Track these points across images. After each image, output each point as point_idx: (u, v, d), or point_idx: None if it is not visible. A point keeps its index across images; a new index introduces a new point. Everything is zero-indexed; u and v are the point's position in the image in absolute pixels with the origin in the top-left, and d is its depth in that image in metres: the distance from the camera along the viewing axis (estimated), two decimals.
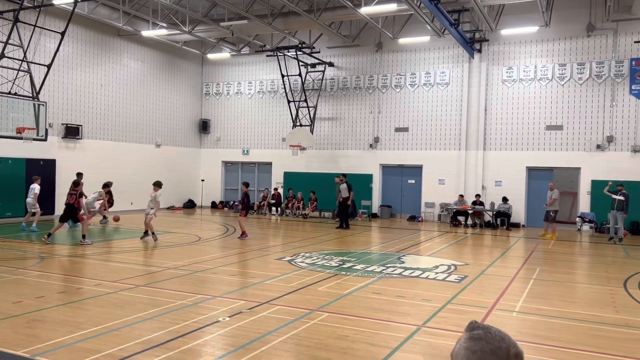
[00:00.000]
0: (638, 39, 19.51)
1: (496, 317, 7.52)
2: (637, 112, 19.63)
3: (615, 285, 9.98)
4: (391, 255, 13.14)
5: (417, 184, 23.55)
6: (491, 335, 1.38)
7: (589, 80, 20.33)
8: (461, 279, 10.19)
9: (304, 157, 24.99)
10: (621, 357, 5.91)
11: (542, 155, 21.01)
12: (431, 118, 22.96)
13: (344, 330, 6.65)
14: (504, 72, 21.69)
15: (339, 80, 24.91)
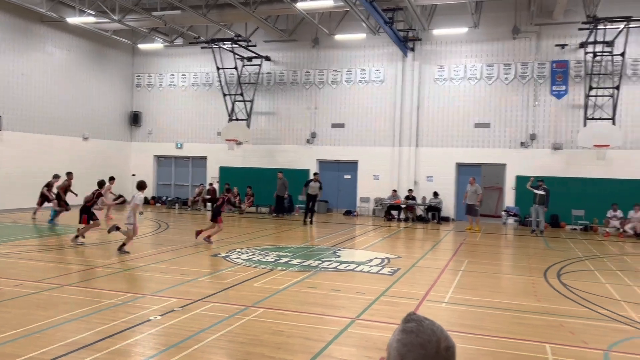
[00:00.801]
0: (558, 42, 20.68)
1: (427, 308, 7.76)
2: (557, 111, 20.83)
3: (537, 276, 10.57)
4: (327, 249, 13.26)
5: (352, 179, 23.88)
6: (422, 328, 1.39)
7: (514, 80, 21.35)
8: (394, 271, 10.44)
9: (240, 151, 24.69)
10: (541, 342, 6.25)
11: (471, 151, 21.87)
12: (366, 115, 23.32)
13: (279, 325, 6.63)
14: (435, 71, 22.36)
15: (276, 75, 24.78)
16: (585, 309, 7.92)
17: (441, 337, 1.38)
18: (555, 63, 20.82)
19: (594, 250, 14.74)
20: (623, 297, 8.84)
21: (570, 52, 20.67)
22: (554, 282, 9.88)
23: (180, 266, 10.45)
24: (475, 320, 7.27)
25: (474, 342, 6.29)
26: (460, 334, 6.60)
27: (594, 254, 14.01)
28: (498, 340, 6.33)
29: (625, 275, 10.98)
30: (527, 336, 6.53)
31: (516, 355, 5.81)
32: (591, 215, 19.83)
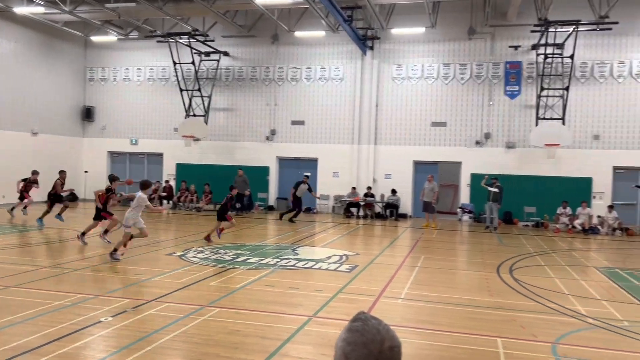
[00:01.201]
0: (512, 44, 21.26)
1: (383, 304, 7.82)
2: (510, 111, 21.42)
3: (490, 271, 10.83)
4: (286, 247, 13.20)
5: (312, 177, 23.84)
6: (367, 327, 1.39)
7: (469, 80, 21.82)
8: (352, 268, 10.49)
9: (197, 148, 24.31)
10: (494, 337, 6.40)
11: (428, 150, 22.23)
12: (326, 112, 23.36)
13: (235, 324, 6.55)
14: (394, 70, 22.61)
15: (235, 71, 24.49)
16: (535, 303, 8.16)
17: (386, 336, 1.38)
18: (509, 64, 21.39)
19: (545, 246, 15.24)
20: (571, 291, 9.16)
21: (523, 54, 21.29)
22: (506, 278, 10.15)
23: (133, 266, 10.18)
24: (430, 316, 7.38)
25: (429, 337, 6.38)
26: (415, 330, 6.68)
27: (544, 249, 14.48)
28: (452, 335, 6.44)
29: (573, 270, 11.40)
30: (480, 331, 6.67)
31: (469, 350, 5.93)
32: (542, 212, 20.50)
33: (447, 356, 5.75)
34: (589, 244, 16.57)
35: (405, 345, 6.31)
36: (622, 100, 20.31)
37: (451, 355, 5.77)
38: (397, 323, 6.93)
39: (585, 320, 7.25)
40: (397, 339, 1.40)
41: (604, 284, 9.96)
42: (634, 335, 6.63)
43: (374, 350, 1.35)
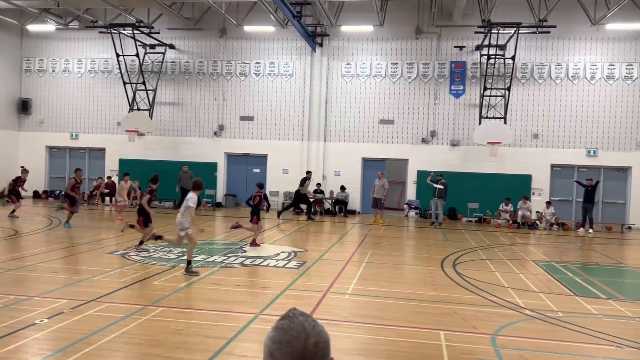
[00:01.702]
0: (457, 44, 21.82)
1: (330, 300, 7.85)
2: (455, 110, 22.00)
3: (434, 266, 11.09)
4: (233, 244, 13.03)
5: (262, 173, 23.69)
6: (293, 325, 1.37)
7: (416, 79, 22.24)
8: (300, 265, 10.47)
9: (142, 143, 23.62)
10: (437, 330, 6.54)
11: (376, 147, 22.52)
12: (276, 108, 23.23)
13: (178, 324, 6.39)
14: (343, 67, 22.74)
15: (181, 64, 23.95)
16: (477, 296, 8.41)
17: (311, 333, 1.36)
18: (454, 64, 21.95)
19: (487, 240, 15.75)
20: (510, 284, 9.50)
21: (468, 54, 21.90)
22: (450, 272, 10.41)
23: (73, 265, 9.78)
24: (376, 311, 7.47)
25: (374, 332, 6.45)
26: (361, 325, 6.74)
27: (486, 244, 14.97)
28: (396, 329, 6.54)
29: (513, 263, 11.83)
30: (423, 324, 6.81)
31: (413, 343, 6.03)
32: (485, 208, 21.19)
33: (392, 350, 5.82)
34: (528, 238, 17.26)
35: (351, 341, 6.34)
36: (560, 100, 21.26)
37: (395, 349, 5.85)
38: (343, 318, 6.97)
39: (523, 312, 7.53)
40: (323, 335, 1.38)
41: (541, 276, 10.38)
42: (568, 325, 6.94)
43: (297, 348, 1.33)
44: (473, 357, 5.67)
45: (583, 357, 5.93)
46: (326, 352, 1.36)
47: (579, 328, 6.82)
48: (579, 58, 21.15)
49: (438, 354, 5.68)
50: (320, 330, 1.39)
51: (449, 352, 5.75)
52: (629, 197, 21.11)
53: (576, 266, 11.79)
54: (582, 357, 5.91)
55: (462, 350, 5.86)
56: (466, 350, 5.85)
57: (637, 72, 20.78)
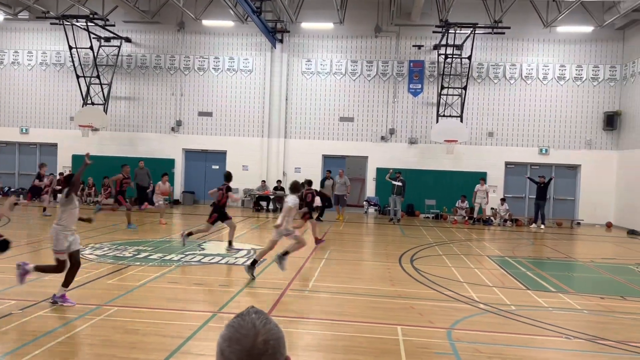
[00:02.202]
0: (416, 43, 22.14)
1: (289, 297, 7.84)
2: (413, 108, 22.33)
3: (392, 261, 11.23)
4: (191, 242, 12.82)
5: (221, 170, 23.37)
6: (243, 322, 1.37)
7: (376, 77, 22.45)
8: (260, 262, 10.39)
9: (96, 139, 22.96)
10: (394, 325, 6.63)
11: (336, 144, 22.62)
12: (235, 104, 22.99)
13: (134, 323, 6.25)
14: (303, 64, 22.72)
15: (137, 58, 23.38)
16: (433, 291, 8.57)
17: (260, 330, 1.36)
18: (412, 62, 22.27)
19: (443, 236, 16.08)
20: (465, 279, 9.73)
21: (426, 53, 22.26)
22: (408, 267, 10.57)
23: None
24: (334, 307, 7.51)
25: (333, 328, 6.48)
26: (320, 321, 6.76)
27: (443, 240, 15.27)
28: (355, 324, 6.59)
29: (468, 259, 12.12)
30: (381, 319, 6.89)
31: (371, 338, 6.09)
32: (441, 204, 21.62)
33: (350, 345, 5.87)
34: (483, 234, 17.71)
35: (310, 337, 6.35)
36: (513, 100, 21.89)
37: (353, 344, 5.90)
38: (302, 315, 6.98)
39: (478, 306, 7.73)
40: (274, 333, 1.38)
41: (495, 271, 10.68)
42: (520, 318, 7.17)
43: (246, 345, 1.33)
44: (429, 351, 5.77)
45: (534, 348, 6.13)
46: (277, 350, 1.36)
47: (530, 321, 7.04)
48: (532, 59, 21.83)
49: (395, 349, 5.76)
50: (272, 328, 1.38)
51: (406, 346, 5.84)
52: (578, 194, 21.96)
53: (528, 261, 12.18)
54: (533, 349, 6.11)
55: (419, 344, 5.96)
56: (423, 345, 5.96)
57: (586, 74, 21.61)
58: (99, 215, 18.29)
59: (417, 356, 5.57)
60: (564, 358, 5.91)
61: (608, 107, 21.49)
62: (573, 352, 6.05)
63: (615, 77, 21.45)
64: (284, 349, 1.39)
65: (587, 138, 21.66)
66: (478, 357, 5.61)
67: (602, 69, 21.52)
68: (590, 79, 21.61)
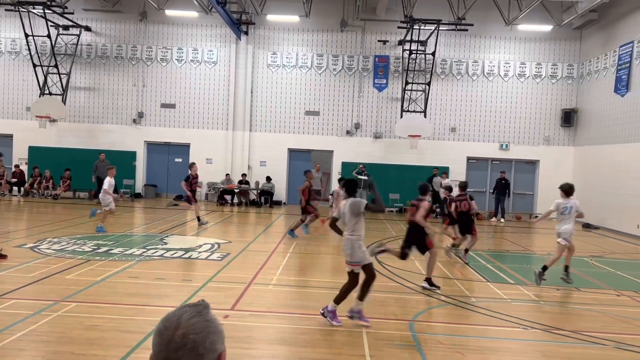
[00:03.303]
0: (381, 38, 22.28)
1: (253, 291, 7.80)
2: (378, 103, 22.49)
3: None
4: (153, 236, 12.62)
5: (184, 163, 23.03)
6: (171, 315, 1.40)
7: (341, 71, 22.50)
8: (223, 256, 10.32)
9: (54, 130, 22.26)
10: None
11: (302, 138, 22.59)
12: (199, 96, 22.66)
13: (93, 319, 6.11)
14: (269, 57, 22.56)
15: (98, 48, 22.73)
16: (396, 284, 8.68)
17: (182, 324, 1.37)
18: (377, 57, 22.40)
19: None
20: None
21: (391, 48, 22.43)
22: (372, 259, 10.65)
23: None
24: (299, 300, 7.52)
25: (296, 321, 6.49)
26: (284, 315, 6.76)
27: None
28: (318, 318, 6.61)
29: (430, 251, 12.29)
30: (344, 312, 6.93)
31: (333, 331, 6.13)
32: (405, 198, 21.86)
33: (313, 339, 5.89)
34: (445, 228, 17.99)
35: (273, 331, 6.33)
36: (475, 96, 22.31)
37: (317, 337, 5.92)
38: (267, 309, 6.96)
39: (439, 298, 7.88)
40: (198, 328, 1.37)
41: (456, 264, 10.89)
42: (480, 310, 7.34)
43: (165, 338, 1.36)
44: (392, 343, 5.85)
45: (493, 339, 6.29)
46: (198, 345, 1.35)
47: (490, 312, 7.22)
48: (493, 56, 22.28)
49: (359, 341, 5.81)
50: (196, 322, 1.38)
51: (368, 338, 5.90)
52: (536, 189, 22.61)
53: (488, 254, 12.48)
54: (492, 339, 6.27)
55: (382, 336, 6.03)
56: (385, 337, 6.03)
57: (545, 72, 22.21)
58: (57, 210, 17.79)
59: (379, 348, 5.64)
60: (521, 348, 6.09)
61: (565, 104, 22.16)
62: (530, 341, 6.24)
63: (573, 75, 22.13)
64: (213, 345, 1.37)
65: (546, 134, 22.28)
66: (439, 348, 5.72)
67: (560, 67, 22.16)
68: (549, 77, 22.22)
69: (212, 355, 1.38)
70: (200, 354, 1.36)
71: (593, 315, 7.62)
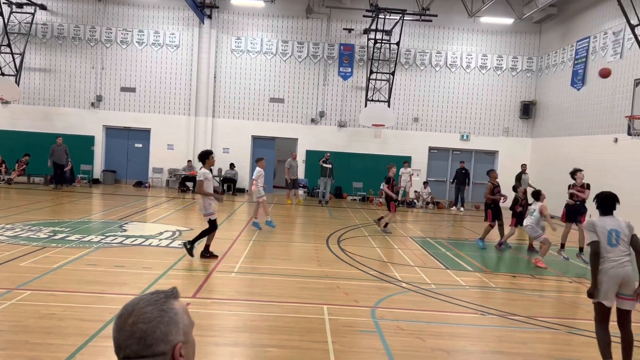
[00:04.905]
0: (346, 26, 22.25)
1: (216, 279, 7.75)
2: (343, 92, 22.52)
3: (320, 242, 11.38)
4: (112, 223, 12.34)
5: (144, 148, 22.60)
6: (130, 302, 1.40)
7: (307, 58, 22.38)
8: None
9: (7, 112, 21.37)
10: (320, 304, 6.74)
11: (266, 125, 22.42)
12: (160, 80, 22.15)
13: (49, 307, 5.94)
14: (233, 42, 22.22)
15: (54, 27, 21.88)
16: (359, 271, 8.78)
17: (135, 312, 1.36)
18: (342, 46, 22.38)
19: (369, 218, 16.46)
20: (389, 259, 10.04)
21: (356, 37, 22.44)
22: (335, 248, 10.75)
23: None
24: (261, 288, 7.51)
25: (259, 308, 6.49)
26: (247, 302, 6.75)
27: (369, 221, 15.64)
28: (281, 305, 6.63)
29: (392, 239, 12.50)
30: (308, 299, 6.97)
31: (297, 318, 6.16)
32: (368, 187, 22.10)
33: (276, 326, 5.90)
34: (407, 216, 18.31)
35: (236, 318, 6.30)
36: (438, 87, 22.61)
37: (280, 324, 5.94)
38: (229, 297, 6.92)
39: (400, 285, 8.01)
40: (149, 317, 1.35)
41: (417, 252, 11.09)
42: (439, 296, 7.51)
43: (119, 324, 1.36)
44: (354, 329, 5.92)
45: (452, 325, 6.45)
46: (147, 335, 1.33)
47: (448, 298, 7.40)
48: (456, 47, 22.59)
49: (321, 328, 5.86)
50: (148, 311, 1.35)
51: (331, 325, 5.96)
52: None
53: (448, 242, 12.75)
54: (451, 325, 6.43)
55: (344, 323, 6.10)
56: (347, 323, 6.10)
57: (506, 64, 22.68)
58: (12, 195, 17.19)
59: (342, 334, 5.70)
60: (478, 333, 6.27)
61: (525, 96, 22.73)
62: (486, 327, 6.43)
63: (532, 68, 22.68)
64: (165, 336, 1.35)
65: (505, 126, 22.82)
66: (400, 334, 5.83)
67: (520, 60, 22.67)
68: (509, 69, 22.71)
69: (163, 346, 1.34)
70: (149, 344, 1.33)
71: (546, 301, 7.91)
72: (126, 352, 1.34)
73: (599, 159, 16.73)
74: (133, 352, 1.33)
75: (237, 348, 5.29)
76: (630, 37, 14.85)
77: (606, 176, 15.52)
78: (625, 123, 14.80)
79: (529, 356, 5.46)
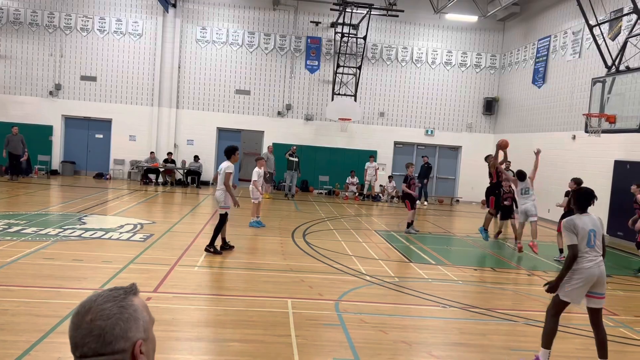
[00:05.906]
0: (313, 19, 22.16)
1: (178, 273, 7.62)
2: (310, 85, 22.45)
3: (285, 236, 11.34)
4: (71, 216, 11.99)
5: (105, 139, 22.03)
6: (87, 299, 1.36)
7: (273, 51, 22.20)
8: (146, 237, 9.99)
9: None
10: (284, 298, 6.71)
11: (232, 117, 22.16)
12: (122, 69, 21.58)
13: (2, 303, 5.73)
14: (198, 32, 21.84)
15: (9, 12, 21.03)
16: (324, 265, 8.79)
17: (93, 309, 1.32)
18: (310, 39, 22.30)
19: (335, 212, 16.51)
20: (354, 252, 10.09)
21: (323, 30, 22.38)
22: (300, 242, 10.73)
23: None
24: (225, 282, 7.43)
25: (223, 303, 6.41)
26: (209, 297, 6.66)
27: (334, 215, 15.69)
28: (245, 299, 6.58)
29: (357, 233, 12.57)
30: (272, 293, 6.94)
31: (261, 312, 6.11)
32: (334, 180, 22.14)
33: (240, 320, 5.84)
34: (372, 210, 18.45)
35: (199, 313, 6.22)
36: (404, 82, 22.80)
37: (243, 319, 5.88)
38: (192, 291, 6.82)
39: (364, 278, 8.06)
40: (107, 314, 1.31)
41: (381, 245, 11.19)
42: (402, 289, 7.59)
43: (76, 322, 1.32)
44: (318, 323, 5.92)
45: (415, 317, 6.53)
46: (105, 332, 1.29)
47: (411, 291, 7.49)
48: (422, 43, 22.81)
49: (285, 321, 5.83)
50: (107, 308, 1.32)
51: (295, 318, 5.94)
52: (457, 173, 23.58)
53: (412, 235, 12.89)
54: (413, 318, 6.50)
55: (308, 316, 6.09)
56: (311, 317, 6.09)
57: (470, 61, 23.05)
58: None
59: (305, 328, 5.69)
60: (440, 325, 6.36)
61: (488, 93, 23.15)
62: (448, 319, 6.53)
63: (495, 65, 23.12)
64: (125, 333, 1.32)
65: (469, 121, 23.22)
66: (363, 326, 5.86)
67: (484, 57, 23.07)
68: (473, 66, 23.09)
69: (123, 343, 1.31)
70: (107, 342, 1.29)
71: (506, 293, 8.10)
72: (83, 350, 1.29)
73: (558, 155, 17.22)
74: (91, 351, 1.29)
75: (200, 343, 5.22)
76: (589, 37, 15.31)
77: (564, 172, 15.99)
78: (583, 121, 15.25)
79: (488, 347, 5.57)
